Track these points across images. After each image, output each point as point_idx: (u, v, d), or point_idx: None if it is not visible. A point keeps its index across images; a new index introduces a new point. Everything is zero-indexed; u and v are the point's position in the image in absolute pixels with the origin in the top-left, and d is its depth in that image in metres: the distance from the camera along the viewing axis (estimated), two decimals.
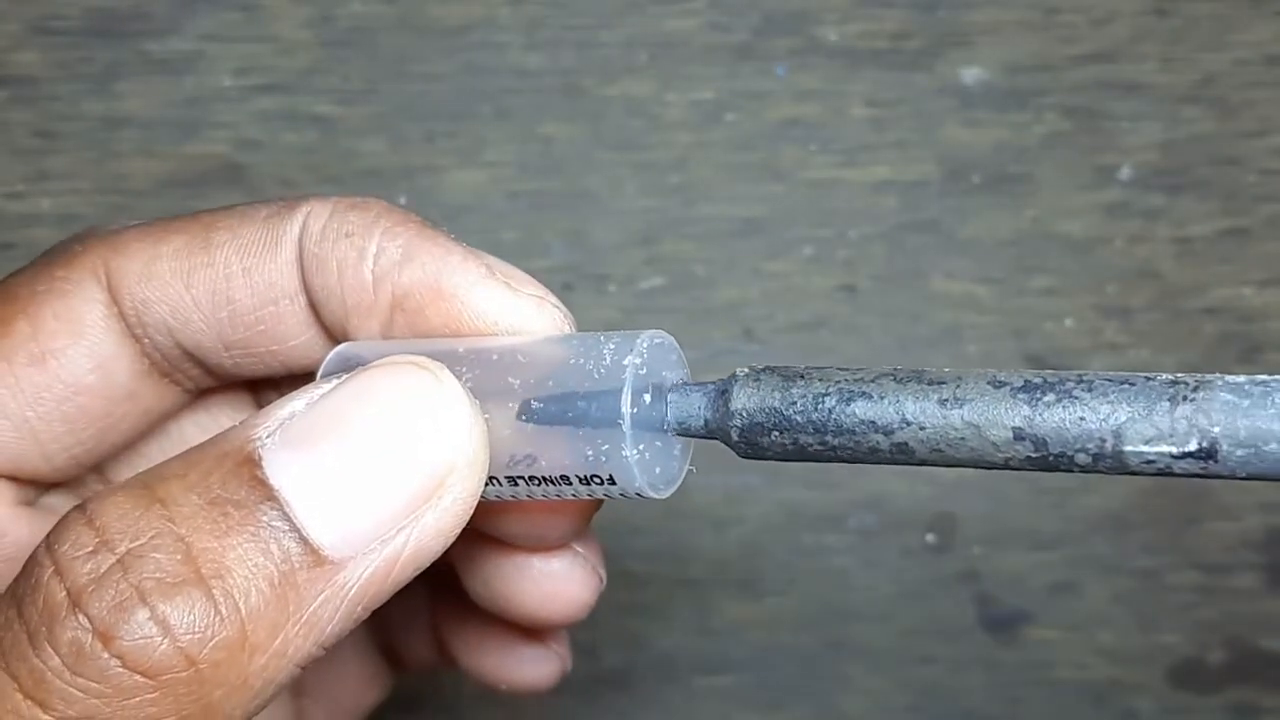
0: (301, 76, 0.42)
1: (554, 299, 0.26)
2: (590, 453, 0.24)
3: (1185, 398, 0.20)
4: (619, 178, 0.42)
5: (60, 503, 0.29)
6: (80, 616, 0.21)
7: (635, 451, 0.24)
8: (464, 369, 0.25)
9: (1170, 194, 0.42)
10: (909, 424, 0.22)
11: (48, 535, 0.22)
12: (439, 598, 0.32)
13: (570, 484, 0.25)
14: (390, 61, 0.42)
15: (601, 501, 0.27)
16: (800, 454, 0.24)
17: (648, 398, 0.25)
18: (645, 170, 0.42)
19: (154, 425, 0.29)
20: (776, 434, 0.24)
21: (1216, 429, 0.20)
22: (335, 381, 0.23)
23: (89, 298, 0.27)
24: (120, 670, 0.21)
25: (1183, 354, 0.42)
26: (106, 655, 0.21)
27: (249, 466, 0.22)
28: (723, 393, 0.24)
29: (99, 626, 0.21)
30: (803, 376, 0.24)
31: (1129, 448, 0.20)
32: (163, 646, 0.21)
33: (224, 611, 0.21)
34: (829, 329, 0.42)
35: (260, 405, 0.29)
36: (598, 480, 0.24)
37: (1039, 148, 0.42)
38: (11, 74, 0.42)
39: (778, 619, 0.42)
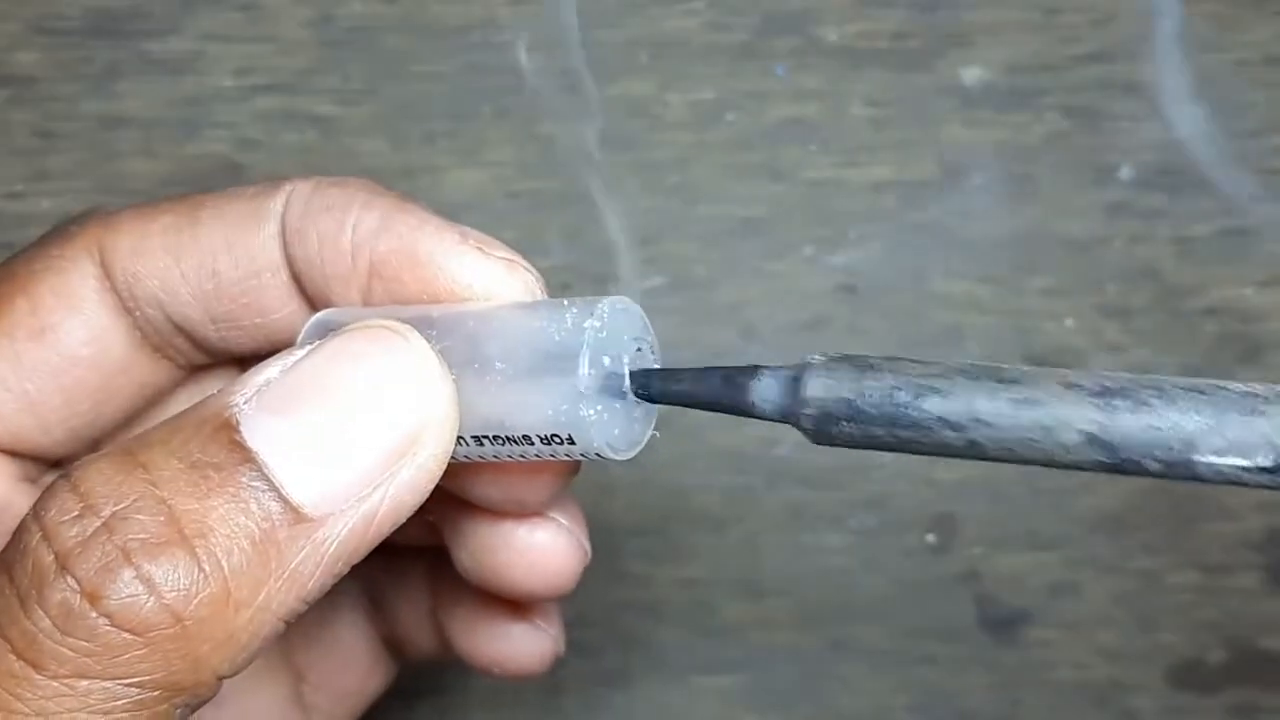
0: (301, 76, 0.42)
1: (525, 263, 0.27)
2: (550, 412, 0.25)
3: (1259, 411, 0.20)
4: (619, 177, 0.42)
5: None
6: (68, 578, 0.22)
7: (592, 412, 0.25)
8: (436, 333, 0.26)
9: (1170, 194, 0.42)
10: (980, 422, 0.22)
11: (35, 503, 0.23)
12: (437, 582, 0.33)
13: (533, 444, 0.25)
14: (390, 61, 0.42)
15: (578, 466, 0.28)
16: (871, 444, 0.24)
17: (607, 360, 0.25)
18: (645, 170, 0.42)
19: (148, 401, 0.30)
20: (848, 424, 0.24)
21: None
22: (310, 347, 0.24)
23: (84, 273, 0.28)
24: (109, 629, 0.22)
25: (1183, 354, 0.42)
26: (95, 615, 0.22)
27: (227, 431, 0.23)
28: (795, 380, 0.25)
29: (87, 587, 0.22)
30: (874, 368, 0.24)
31: (1200, 458, 0.20)
32: (149, 604, 0.22)
33: (207, 569, 0.22)
34: (829, 329, 0.42)
35: None
36: (558, 440, 0.25)
37: (1040, 148, 0.42)
38: (11, 74, 0.42)
39: (777, 619, 0.42)
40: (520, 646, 0.32)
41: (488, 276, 0.27)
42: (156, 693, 0.22)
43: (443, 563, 0.31)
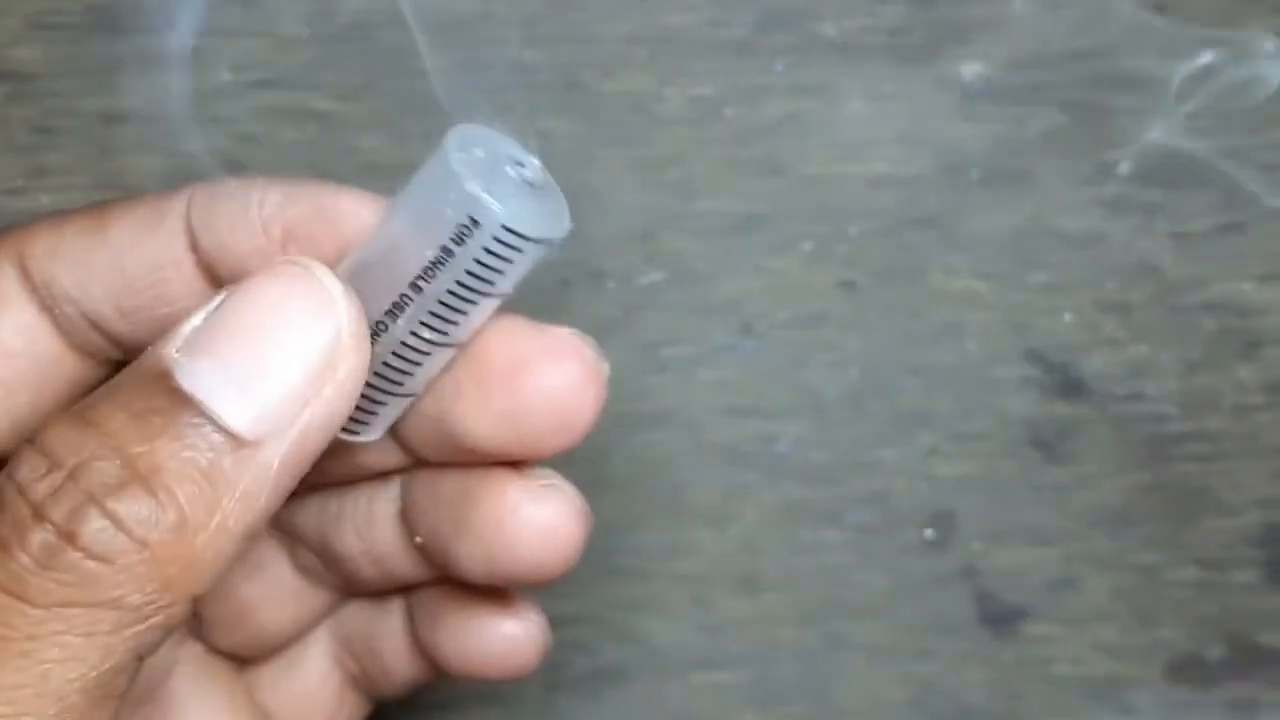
0: (300, 72, 0.42)
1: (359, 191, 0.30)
2: (446, 211, 0.27)
3: None
4: (617, 173, 0.42)
5: None
6: (45, 525, 0.25)
7: (477, 184, 0.27)
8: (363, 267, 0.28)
9: (1169, 189, 0.42)
10: None
11: (7, 467, 0.26)
12: (415, 602, 0.34)
13: (448, 260, 0.27)
14: (389, 57, 0.42)
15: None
16: None
17: (480, 153, 0.28)
18: (644, 166, 0.42)
19: (77, 397, 0.31)
20: None
21: None
22: (226, 291, 0.27)
23: (6, 276, 0.31)
24: (85, 561, 0.25)
25: (1182, 349, 0.42)
26: (71, 550, 0.25)
27: (164, 379, 0.26)
28: None
29: (62, 529, 0.25)
30: None
31: None
32: (117, 537, 0.25)
33: (163, 500, 0.25)
34: (829, 325, 0.42)
35: None
36: (466, 231, 0.27)
37: (1038, 143, 0.42)
38: (10, 69, 0.42)
39: (776, 615, 0.42)
40: (513, 642, 0.33)
41: (357, 198, 0.30)
42: (133, 613, 0.25)
43: (420, 580, 0.33)
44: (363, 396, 0.28)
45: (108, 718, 0.25)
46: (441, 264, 0.28)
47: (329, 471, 0.33)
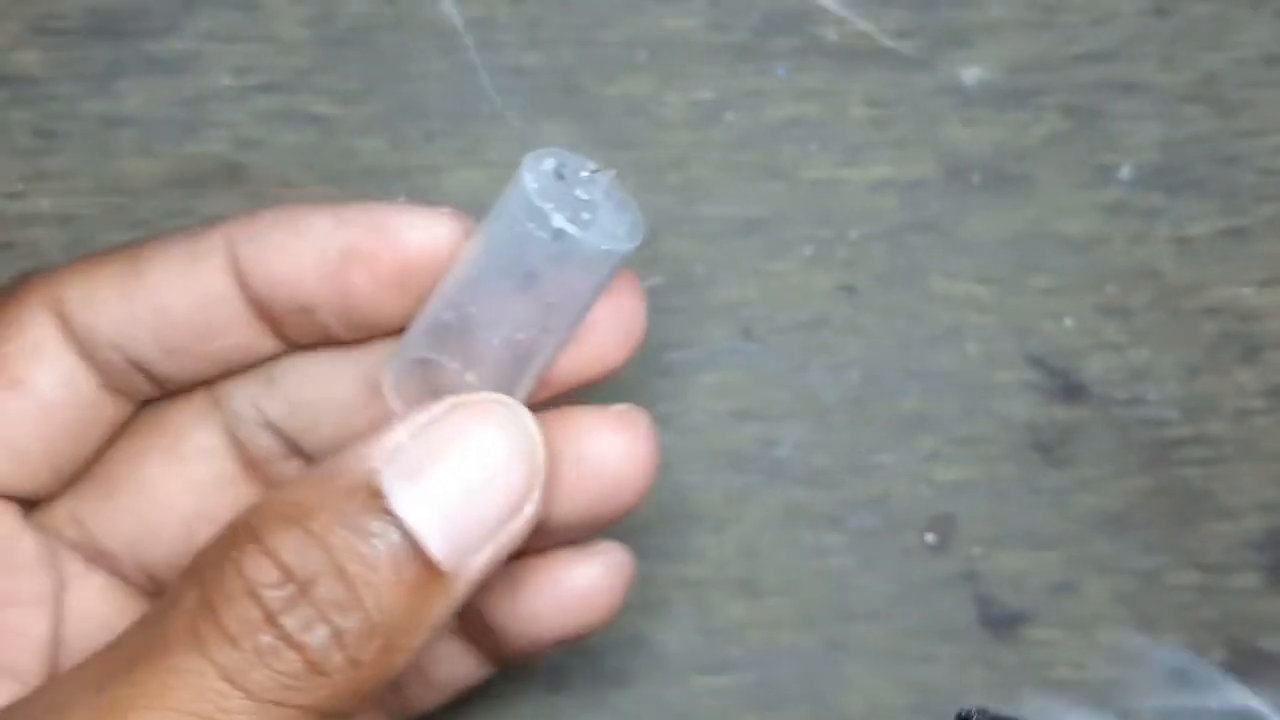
0: (301, 76, 0.42)
1: (442, 209, 0.32)
2: (527, 235, 0.30)
3: None
4: (618, 177, 0.42)
5: (51, 515, 0.33)
6: (275, 631, 0.27)
7: (552, 205, 0.30)
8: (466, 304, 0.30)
9: (1170, 193, 0.42)
10: None
11: (232, 554, 0.27)
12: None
13: (532, 283, 0.30)
14: (389, 61, 0.42)
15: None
16: None
17: (553, 171, 0.31)
18: (644, 169, 0.42)
19: (111, 436, 0.33)
20: None
21: None
22: (431, 414, 0.29)
23: (43, 326, 0.31)
24: (308, 670, 0.27)
25: (1183, 353, 0.42)
26: (294, 657, 0.27)
27: (378, 500, 0.28)
28: None
29: (293, 639, 0.27)
30: None
31: None
32: (338, 654, 0.27)
33: (375, 622, 0.27)
34: (829, 329, 0.42)
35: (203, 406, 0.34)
36: (547, 251, 0.30)
37: (1039, 147, 0.42)
38: (11, 73, 0.42)
39: (777, 619, 0.42)
40: (601, 576, 0.35)
41: (439, 228, 0.31)
42: (322, 715, 0.28)
43: None
44: None
45: None
46: (526, 285, 0.30)
47: None
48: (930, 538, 0.42)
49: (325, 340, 0.33)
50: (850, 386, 0.42)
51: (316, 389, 0.33)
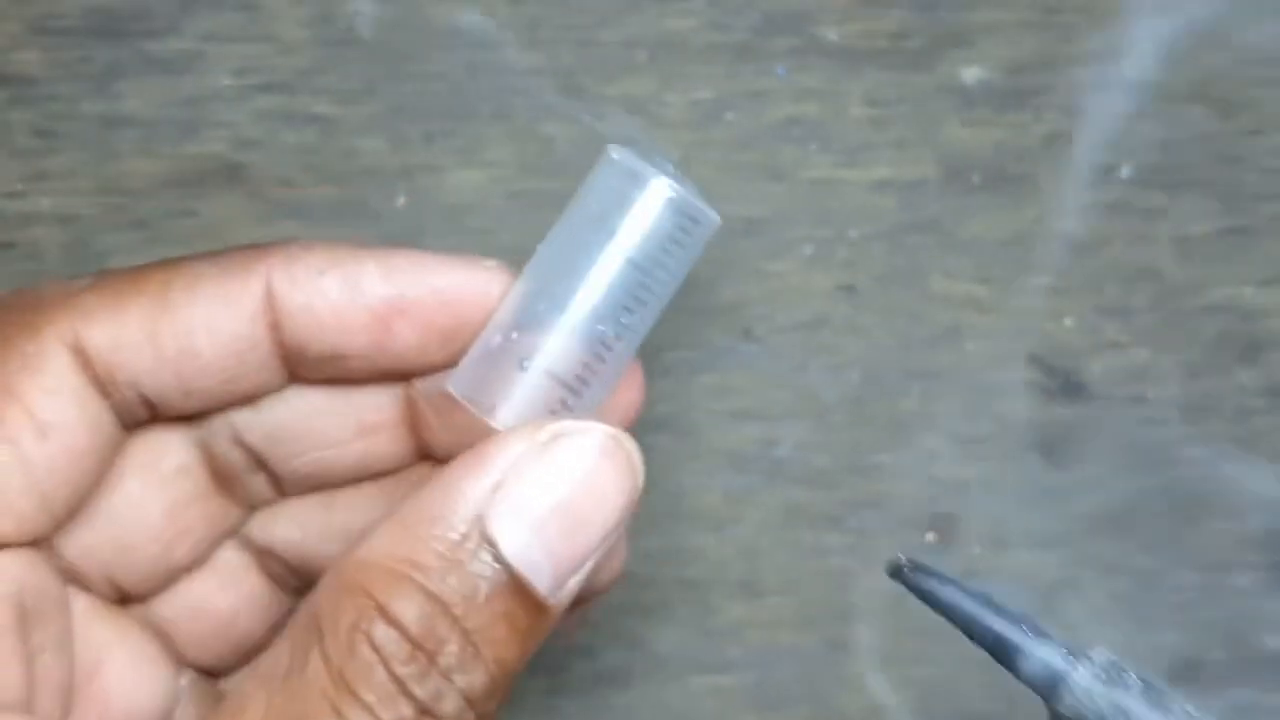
0: (301, 76, 0.42)
1: (489, 261, 0.32)
2: (627, 201, 0.31)
3: None
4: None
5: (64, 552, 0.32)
6: (408, 699, 0.28)
7: (653, 171, 0.31)
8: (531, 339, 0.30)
9: (1171, 193, 0.42)
10: None
11: (360, 625, 0.28)
12: None
13: (641, 246, 0.31)
14: (389, 61, 0.42)
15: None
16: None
17: (638, 159, 0.31)
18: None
19: (111, 461, 0.32)
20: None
21: None
22: (531, 442, 0.29)
23: (64, 366, 0.30)
24: None
25: (1183, 353, 0.42)
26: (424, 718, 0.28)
27: (491, 549, 0.28)
28: (1059, 674, 0.30)
29: (422, 705, 0.28)
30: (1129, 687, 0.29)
31: None
32: (466, 712, 0.28)
33: (493, 673, 0.28)
34: (829, 329, 0.42)
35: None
36: (658, 214, 0.31)
37: (1039, 147, 0.42)
38: (11, 73, 0.42)
39: (778, 619, 0.42)
40: None
41: (488, 279, 0.32)
42: None
43: None
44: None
45: None
46: (636, 253, 0.31)
47: (328, 475, 0.33)
48: (931, 537, 0.42)
49: (336, 381, 0.33)
50: (850, 386, 0.42)
51: (303, 421, 0.33)
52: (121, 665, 0.33)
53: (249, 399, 0.32)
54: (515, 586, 0.28)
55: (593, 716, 0.43)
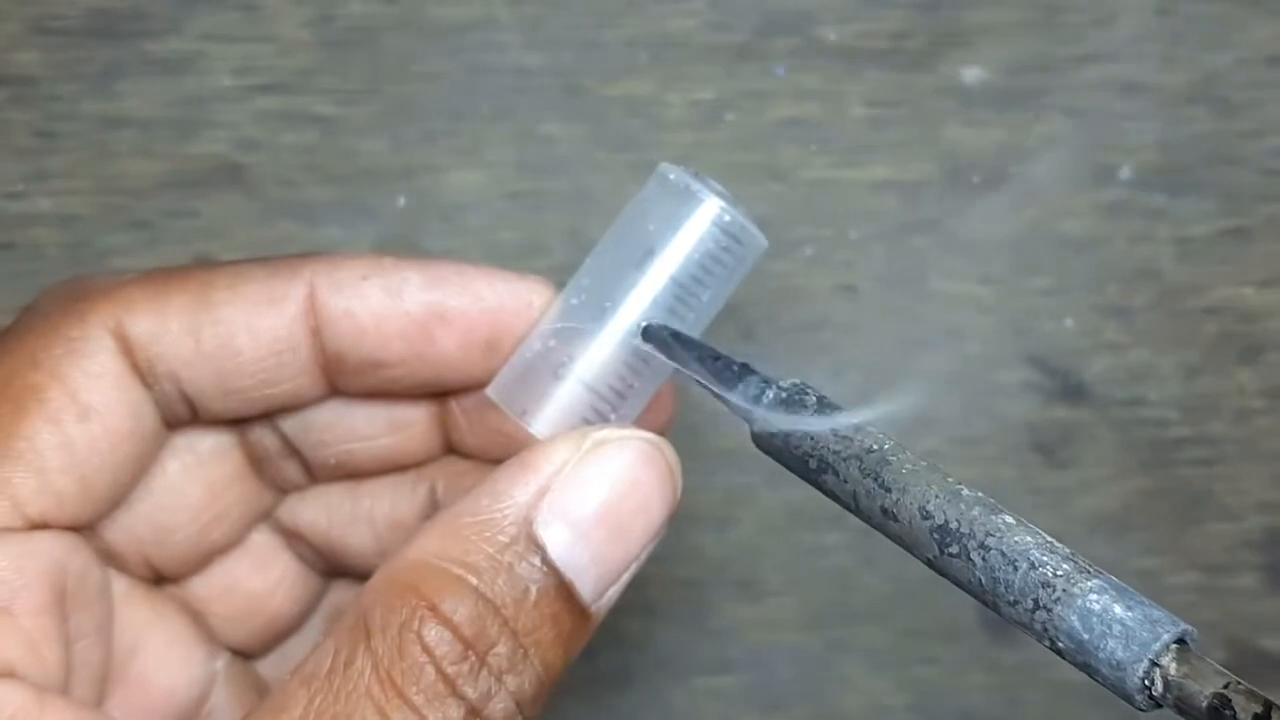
0: (301, 76, 0.42)
1: (532, 275, 0.32)
2: (683, 217, 0.31)
3: (1044, 606, 0.25)
4: (619, 178, 0.42)
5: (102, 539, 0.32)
6: (458, 701, 0.27)
7: (708, 191, 0.31)
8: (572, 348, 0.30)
9: (1171, 194, 0.42)
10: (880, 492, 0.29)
11: (413, 623, 0.28)
12: None
13: (694, 264, 0.31)
14: (390, 61, 0.42)
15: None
16: (791, 468, 0.30)
17: (684, 178, 0.31)
18: (645, 170, 0.42)
19: (151, 459, 0.32)
20: (777, 448, 0.30)
21: (1061, 641, 0.24)
22: (573, 448, 0.29)
23: (108, 352, 0.30)
24: None
25: (1183, 354, 0.42)
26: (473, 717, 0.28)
27: (539, 552, 0.28)
28: (757, 399, 0.31)
29: (472, 706, 0.28)
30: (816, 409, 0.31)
31: (1004, 611, 0.26)
32: (514, 713, 0.28)
33: (540, 675, 0.28)
34: (829, 329, 0.42)
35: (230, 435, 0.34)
36: (710, 233, 0.31)
37: (1039, 148, 0.42)
38: (11, 74, 0.42)
39: (778, 619, 0.42)
40: None
41: (533, 291, 0.32)
42: None
43: None
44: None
45: None
46: (680, 271, 0.31)
47: (357, 465, 0.34)
48: None
49: (375, 393, 0.33)
50: (850, 386, 0.42)
51: (338, 415, 0.33)
52: (159, 646, 0.33)
53: (286, 408, 0.32)
54: (561, 590, 0.28)
55: (593, 717, 0.43)
